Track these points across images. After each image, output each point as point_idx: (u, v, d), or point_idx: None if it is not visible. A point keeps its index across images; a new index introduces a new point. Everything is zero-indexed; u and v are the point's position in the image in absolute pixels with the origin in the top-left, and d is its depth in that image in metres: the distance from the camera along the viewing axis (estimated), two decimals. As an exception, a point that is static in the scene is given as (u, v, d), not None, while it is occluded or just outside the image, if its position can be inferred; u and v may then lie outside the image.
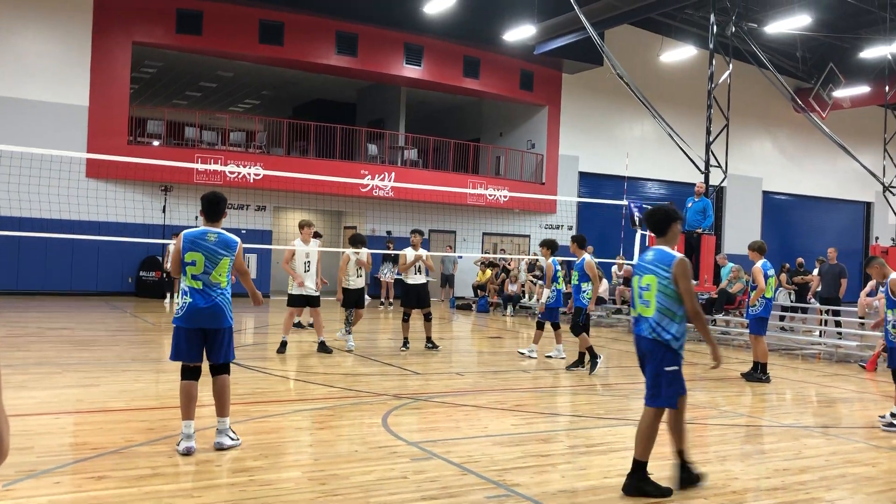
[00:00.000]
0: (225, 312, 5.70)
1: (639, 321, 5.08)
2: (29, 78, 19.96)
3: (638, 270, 5.15)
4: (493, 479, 5.17)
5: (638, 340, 5.13)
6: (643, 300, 5.03)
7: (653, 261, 5.06)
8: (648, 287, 5.01)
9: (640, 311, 5.04)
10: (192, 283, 5.65)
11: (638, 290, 5.08)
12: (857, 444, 6.81)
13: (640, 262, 5.18)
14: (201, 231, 5.75)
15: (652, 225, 5.23)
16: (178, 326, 5.66)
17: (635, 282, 5.14)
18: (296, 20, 22.36)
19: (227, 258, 5.71)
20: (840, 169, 32.54)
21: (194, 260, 5.63)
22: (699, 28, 25.88)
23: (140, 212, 20.35)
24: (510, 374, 10.16)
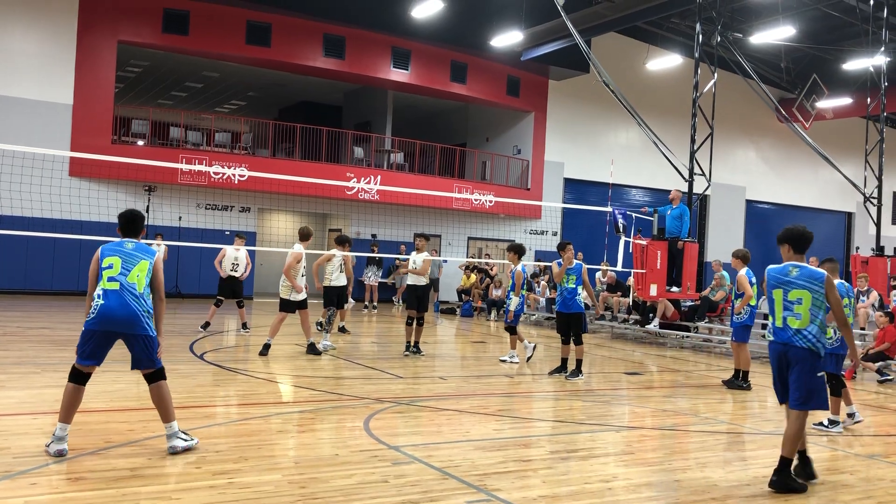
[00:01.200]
0: (141, 320, 5.49)
1: (786, 331, 5.51)
2: (13, 75, 19.79)
3: (782, 285, 5.54)
4: (473, 484, 5.17)
5: (785, 349, 5.51)
6: (794, 313, 5.48)
7: (801, 277, 5.52)
8: (800, 301, 5.47)
9: (791, 322, 5.48)
10: (108, 285, 5.50)
11: (784, 303, 5.51)
12: (836, 451, 6.87)
13: (782, 277, 5.57)
14: (119, 241, 5.77)
15: (795, 242, 5.63)
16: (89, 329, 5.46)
17: (779, 294, 5.54)
18: (283, 21, 22.31)
19: (145, 260, 5.64)
20: (822, 179, 32.85)
21: (111, 263, 5.57)
22: (685, 37, 26.07)
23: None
24: (493, 379, 10.16)
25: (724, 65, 22.54)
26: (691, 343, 16.00)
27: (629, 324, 17.45)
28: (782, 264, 5.66)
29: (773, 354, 5.63)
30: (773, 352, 5.62)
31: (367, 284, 21.87)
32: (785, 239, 5.71)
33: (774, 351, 5.61)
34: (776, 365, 5.63)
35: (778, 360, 5.59)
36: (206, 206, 22.26)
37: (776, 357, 5.60)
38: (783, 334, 5.52)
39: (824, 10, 23.07)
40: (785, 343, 5.51)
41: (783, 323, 5.52)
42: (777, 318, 5.55)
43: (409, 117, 29.68)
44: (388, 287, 23.64)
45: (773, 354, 5.62)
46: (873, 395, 10.50)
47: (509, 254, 11.80)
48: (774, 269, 5.67)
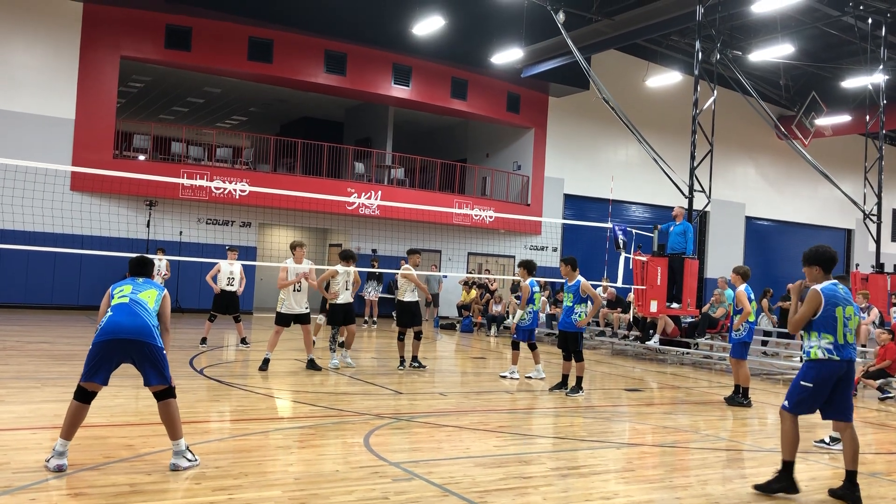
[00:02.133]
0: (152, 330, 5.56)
1: (847, 348, 5.65)
2: (16, 90, 19.88)
3: (841, 302, 5.67)
4: (474, 501, 5.15)
5: (848, 366, 5.65)
6: (850, 329, 5.67)
7: (848, 294, 5.78)
8: (851, 318, 5.68)
9: (850, 339, 5.66)
10: (118, 301, 5.62)
11: (844, 320, 5.64)
12: (837, 469, 6.84)
13: (843, 295, 5.72)
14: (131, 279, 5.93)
15: (826, 264, 5.80)
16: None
17: (840, 312, 5.64)
18: (285, 38, 22.44)
19: (154, 290, 5.79)
20: (821, 196, 32.93)
21: (122, 289, 5.73)
22: (684, 54, 26.22)
23: (124, 226, 20.25)
24: (493, 395, 10.14)
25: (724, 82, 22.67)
26: (691, 359, 15.97)
27: (629, 340, 17.43)
28: (830, 282, 5.79)
29: (833, 373, 5.60)
30: (833, 370, 5.60)
31: (367, 299, 21.86)
32: (816, 261, 5.85)
33: (836, 369, 5.60)
34: (833, 383, 5.62)
35: (837, 378, 5.61)
36: (206, 220, 22.29)
37: (836, 375, 5.60)
38: (846, 352, 5.61)
39: (823, 28, 23.20)
40: (849, 360, 5.62)
41: (845, 340, 5.62)
42: (839, 335, 5.61)
43: (410, 133, 29.79)
44: (388, 302, 23.63)
45: (834, 372, 5.60)
46: (874, 413, 10.48)
47: (520, 269, 11.86)
48: (832, 288, 5.73)
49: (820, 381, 5.60)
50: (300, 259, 11.42)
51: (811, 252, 5.86)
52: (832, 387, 5.63)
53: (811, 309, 5.63)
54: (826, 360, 5.60)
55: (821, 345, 5.61)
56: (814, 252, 5.84)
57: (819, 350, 5.61)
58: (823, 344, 5.61)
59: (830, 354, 5.59)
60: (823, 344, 5.61)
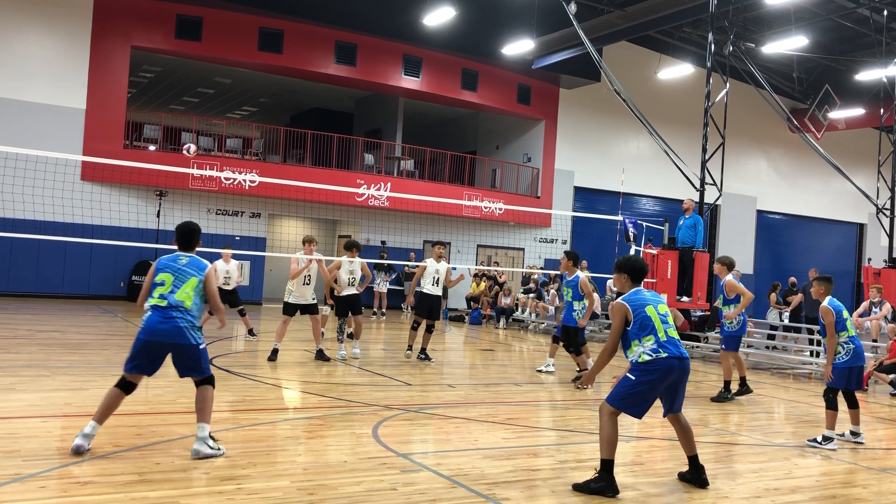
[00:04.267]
0: (185, 332, 5.63)
1: (677, 344, 5.54)
2: (27, 80, 19.93)
3: (649, 302, 5.55)
4: (482, 493, 5.14)
5: (681, 362, 5.51)
6: (669, 324, 5.61)
7: (654, 294, 5.81)
8: (667, 314, 5.63)
9: (672, 334, 5.51)
10: (156, 302, 5.68)
11: (660, 317, 5.57)
12: (848, 464, 6.80)
13: (643, 297, 5.59)
14: (174, 255, 5.92)
15: (635, 271, 5.69)
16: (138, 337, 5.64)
17: (653, 310, 5.52)
18: (295, 28, 22.41)
19: (195, 277, 5.77)
20: (834, 190, 32.70)
21: (163, 280, 5.72)
22: (697, 46, 26.04)
23: (134, 216, 20.30)
24: (502, 388, 10.12)
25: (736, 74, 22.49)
26: (701, 353, 15.91)
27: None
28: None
29: (670, 368, 5.39)
30: (668, 366, 5.39)
31: (376, 291, 21.86)
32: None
33: (670, 365, 5.40)
34: (674, 378, 5.45)
35: (679, 372, 5.43)
36: (216, 211, 22.32)
37: (673, 370, 5.41)
38: (674, 348, 5.42)
39: (837, 20, 22.99)
40: (680, 357, 5.42)
41: (667, 336, 5.42)
42: (660, 333, 5.42)
43: (420, 124, 29.73)
44: (397, 294, 23.64)
45: (672, 368, 5.40)
46: (886, 409, 10.41)
47: (567, 261, 11.07)
48: (635, 293, 5.61)
49: (652, 380, 5.34)
50: (310, 253, 11.44)
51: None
52: (669, 385, 5.42)
53: (620, 322, 5.40)
54: (654, 359, 5.33)
55: (645, 349, 5.36)
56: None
57: (645, 354, 5.35)
58: (648, 347, 5.36)
59: (657, 353, 5.34)
60: (648, 347, 5.36)
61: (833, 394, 7.48)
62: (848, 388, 7.55)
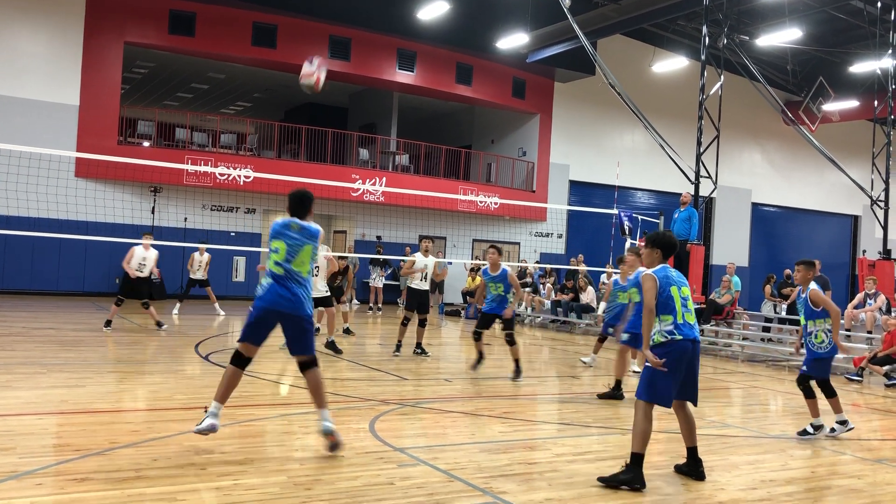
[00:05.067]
0: (305, 304, 5.74)
1: (693, 327, 5.60)
2: (20, 76, 19.85)
3: (675, 282, 5.62)
4: (479, 487, 5.15)
5: (694, 345, 5.59)
6: (689, 309, 5.61)
7: (680, 276, 5.74)
8: (688, 297, 5.64)
9: (690, 318, 5.59)
10: (275, 269, 5.77)
11: (681, 300, 5.58)
12: (843, 455, 6.83)
13: (670, 276, 5.64)
14: (285, 221, 6.04)
15: (668, 247, 5.73)
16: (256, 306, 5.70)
17: (676, 291, 5.58)
18: (289, 23, 22.34)
19: (309, 245, 5.89)
20: (828, 182, 32.77)
21: (277, 248, 5.83)
22: (691, 39, 26.04)
23: (129, 212, 20.26)
24: (498, 381, 10.13)
25: (731, 67, 22.50)
26: (697, 346, 15.93)
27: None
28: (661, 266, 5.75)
29: (682, 352, 5.54)
30: (681, 350, 5.52)
31: (371, 286, 21.86)
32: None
33: (687, 349, 5.56)
34: (684, 362, 5.62)
35: (685, 357, 5.61)
36: (211, 207, 22.29)
37: (686, 354, 5.58)
38: (689, 330, 5.58)
39: (831, 12, 23.01)
40: (694, 339, 5.63)
41: (684, 319, 5.59)
42: (678, 315, 5.58)
43: (415, 119, 29.70)
44: (393, 289, 23.63)
45: (684, 352, 5.55)
46: (881, 399, 10.45)
47: (495, 255, 10.57)
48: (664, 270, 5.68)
49: (671, 362, 5.41)
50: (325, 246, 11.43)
51: (653, 235, 5.90)
52: (685, 368, 5.54)
53: (654, 289, 5.49)
54: (668, 341, 5.46)
55: (661, 330, 5.49)
56: (654, 236, 5.84)
57: (660, 335, 5.49)
58: (664, 328, 5.49)
59: (672, 335, 5.47)
60: (664, 328, 5.49)
61: (806, 381, 7.42)
62: (823, 376, 7.39)
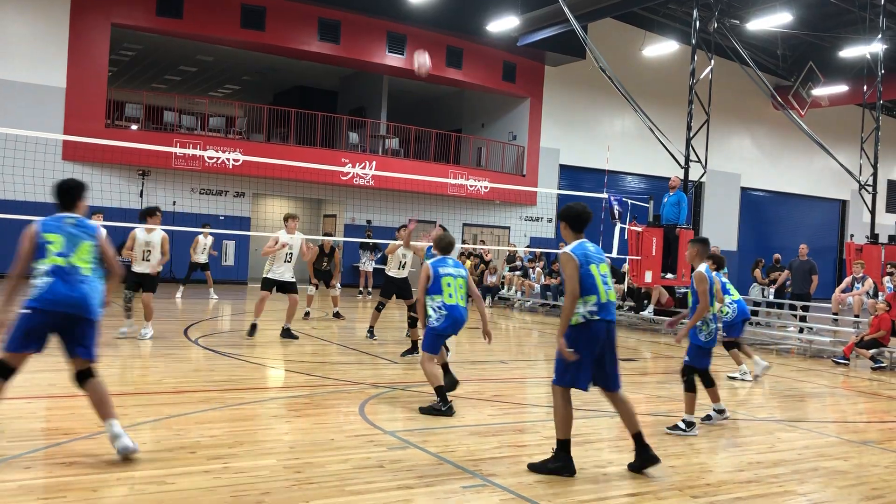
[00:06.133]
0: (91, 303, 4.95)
1: (609, 307, 5.21)
2: (5, 58, 19.61)
3: (593, 259, 5.24)
4: (469, 469, 5.17)
5: (609, 326, 5.22)
6: (609, 286, 5.25)
7: (599, 252, 5.38)
8: (607, 275, 5.30)
9: (612, 297, 5.25)
10: (57, 262, 5.04)
11: (601, 277, 5.22)
12: (829, 438, 6.89)
13: (588, 252, 5.27)
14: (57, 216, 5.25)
15: (580, 222, 5.40)
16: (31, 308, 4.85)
17: (595, 269, 5.21)
18: (278, 5, 22.15)
19: (87, 242, 5.14)
20: (817, 167, 32.89)
21: (53, 240, 5.13)
22: (681, 23, 25.98)
23: (117, 195, 20.08)
24: (487, 365, 10.17)
25: (721, 51, 22.47)
26: (685, 330, 16.01)
27: (624, 310, 17.46)
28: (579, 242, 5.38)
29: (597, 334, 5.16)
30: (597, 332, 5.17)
31: (361, 270, 21.83)
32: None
33: (603, 330, 5.19)
34: (600, 345, 5.21)
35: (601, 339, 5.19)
36: (200, 190, 22.16)
37: (602, 336, 5.19)
38: (606, 311, 5.20)
39: (821, -4, 23.01)
40: (610, 321, 5.24)
41: (607, 298, 5.22)
42: (599, 293, 5.20)
43: (405, 103, 29.56)
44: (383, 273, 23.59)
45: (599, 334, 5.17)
46: (867, 382, 10.55)
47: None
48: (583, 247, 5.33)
49: (585, 344, 5.12)
50: (292, 230, 11.36)
51: (562, 209, 5.48)
52: (599, 350, 5.18)
53: (575, 270, 5.10)
54: (586, 322, 5.13)
55: (583, 311, 5.13)
56: (563, 209, 5.46)
57: (580, 317, 5.13)
58: (586, 309, 5.13)
59: (592, 316, 5.13)
60: (586, 309, 5.13)
61: (691, 374, 6.87)
62: (704, 366, 6.98)
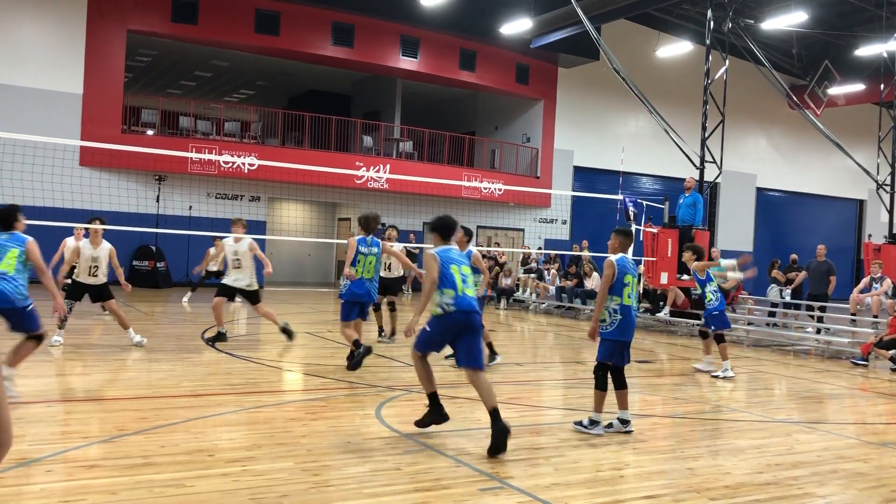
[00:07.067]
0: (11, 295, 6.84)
1: (465, 301, 6.05)
2: (23, 65, 19.83)
3: (454, 262, 6.18)
4: (486, 472, 5.17)
5: (467, 317, 6.02)
6: (468, 284, 6.17)
7: (462, 256, 6.37)
8: (468, 275, 6.24)
9: (469, 292, 6.15)
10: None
11: (461, 276, 6.14)
12: (849, 439, 6.84)
13: (451, 256, 6.23)
14: None
15: (447, 231, 6.39)
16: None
17: (456, 269, 6.15)
18: (292, 10, 22.26)
19: (14, 248, 6.83)
20: (833, 166, 32.63)
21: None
22: (695, 24, 25.89)
23: (134, 201, 20.27)
24: (504, 367, 10.15)
25: (736, 51, 22.36)
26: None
27: (639, 312, 17.41)
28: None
29: (454, 323, 6.06)
30: (454, 321, 6.06)
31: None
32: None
33: (462, 319, 6.05)
34: (454, 332, 6.10)
35: (456, 327, 6.07)
36: (216, 195, 22.29)
37: (457, 325, 6.06)
38: (466, 303, 6.07)
39: (837, -5, 22.85)
40: (471, 311, 6.07)
41: (464, 292, 6.13)
42: (457, 288, 6.10)
43: (418, 106, 29.62)
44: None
45: (455, 323, 6.06)
46: (886, 383, 10.45)
47: (687, 253, 10.48)
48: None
49: (441, 330, 6.08)
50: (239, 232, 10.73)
51: (432, 222, 6.52)
52: (455, 335, 6.06)
53: (436, 268, 6.07)
54: (444, 314, 6.01)
55: (442, 302, 6.02)
56: (433, 222, 6.49)
57: (439, 308, 6.04)
58: (444, 301, 6.01)
59: (449, 307, 5.99)
60: (444, 301, 6.01)
61: (603, 371, 6.66)
62: (615, 362, 6.69)
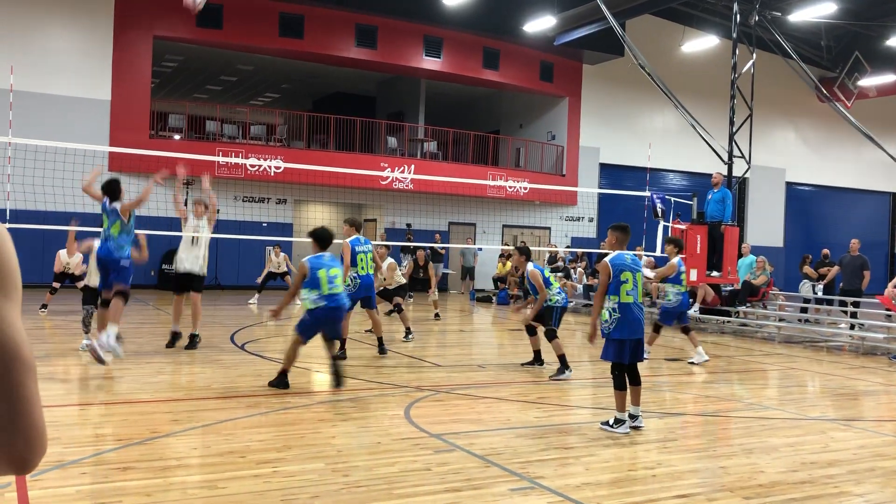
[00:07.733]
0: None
1: (335, 297, 7.90)
2: (53, 73, 20.12)
3: (322, 266, 7.86)
4: (516, 472, 5.15)
5: (329, 312, 7.86)
6: (334, 284, 7.91)
7: (332, 260, 8.08)
8: (336, 276, 7.99)
9: (335, 290, 7.91)
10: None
11: (328, 278, 7.88)
12: (886, 437, 6.72)
13: (322, 261, 7.94)
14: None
15: (323, 241, 8.19)
16: None
17: (324, 273, 7.84)
18: (316, 13, 22.37)
19: None
20: (865, 159, 32.10)
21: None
22: (721, 17, 25.58)
23: (163, 205, 20.47)
24: (532, 367, 10.11)
25: (763, 45, 22.07)
26: (732, 328, 15.78)
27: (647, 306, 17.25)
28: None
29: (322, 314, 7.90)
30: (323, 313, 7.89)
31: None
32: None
33: (325, 312, 7.89)
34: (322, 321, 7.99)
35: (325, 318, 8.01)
36: (243, 198, 22.47)
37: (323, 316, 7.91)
38: (331, 299, 7.91)
39: (866, -15, 22.46)
40: (335, 307, 7.99)
41: (329, 291, 7.95)
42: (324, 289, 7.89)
43: (442, 105, 29.62)
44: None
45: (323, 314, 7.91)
46: (923, 379, 10.25)
47: (668, 246, 10.98)
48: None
49: (314, 319, 7.85)
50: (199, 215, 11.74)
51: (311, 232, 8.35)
52: (323, 323, 7.92)
53: (301, 274, 7.88)
54: (314, 308, 7.79)
55: (311, 298, 7.79)
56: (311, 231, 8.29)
57: (310, 302, 7.79)
58: (312, 297, 7.79)
59: (318, 303, 7.76)
60: (312, 297, 7.79)
61: (618, 370, 6.53)
62: (623, 361, 6.54)
